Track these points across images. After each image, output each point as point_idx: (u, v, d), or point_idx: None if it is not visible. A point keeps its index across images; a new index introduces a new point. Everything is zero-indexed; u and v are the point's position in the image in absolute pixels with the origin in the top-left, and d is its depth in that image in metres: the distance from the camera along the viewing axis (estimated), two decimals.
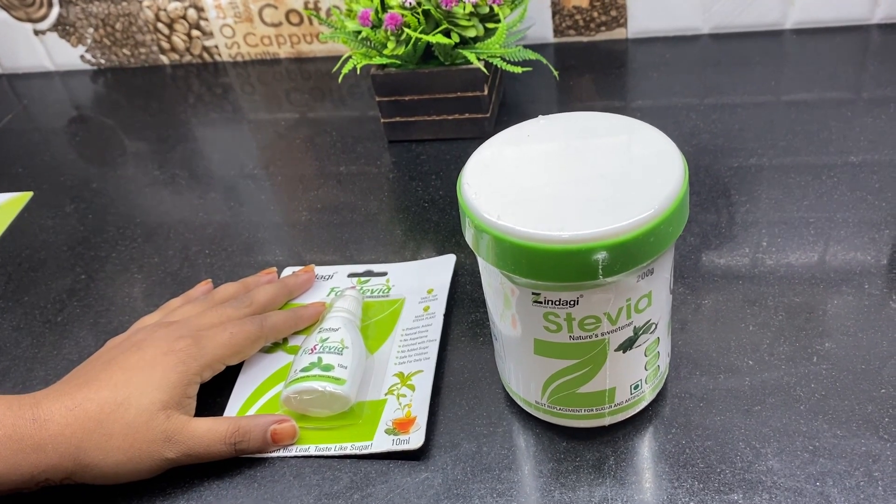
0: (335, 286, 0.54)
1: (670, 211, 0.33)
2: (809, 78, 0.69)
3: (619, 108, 0.70)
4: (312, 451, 0.43)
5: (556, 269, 0.33)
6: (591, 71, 0.76)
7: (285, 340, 0.50)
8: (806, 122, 0.64)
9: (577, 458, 0.41)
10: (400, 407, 0.44)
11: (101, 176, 0.72)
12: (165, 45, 0.89)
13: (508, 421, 0.43)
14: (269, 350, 0.50)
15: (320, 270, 0.56)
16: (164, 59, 0.91)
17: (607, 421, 0.41)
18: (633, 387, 0.40)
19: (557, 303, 0.35)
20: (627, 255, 0.32)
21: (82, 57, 0.92)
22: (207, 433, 0.41)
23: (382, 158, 0.68)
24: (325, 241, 0.60)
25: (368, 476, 0.42)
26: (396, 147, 0.69)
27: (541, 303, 0.35)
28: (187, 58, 0.90)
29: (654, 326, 0.37)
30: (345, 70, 0.63)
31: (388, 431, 0.43)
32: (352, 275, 0.55)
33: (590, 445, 0.41)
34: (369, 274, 0.55)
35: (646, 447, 0.41)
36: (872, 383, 0.42)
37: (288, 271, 0.56)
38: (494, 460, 0.42)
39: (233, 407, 0.46)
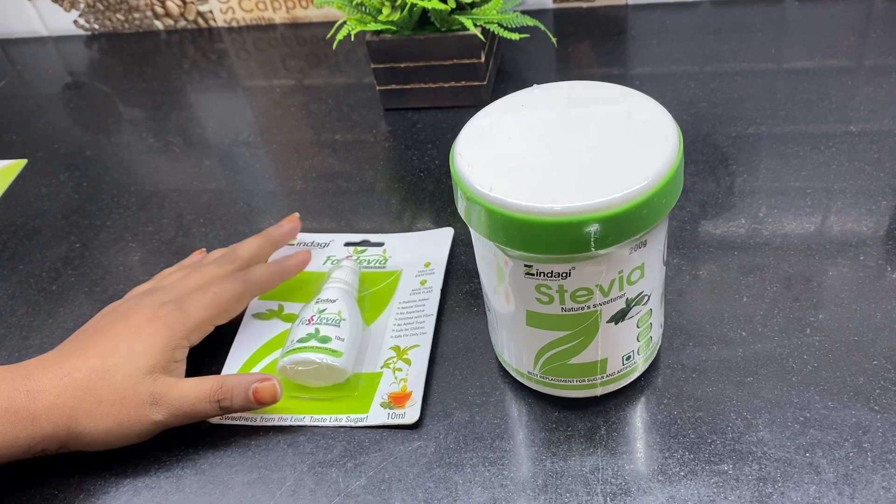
0: (331, 254, 0.54)
1: (663, 183, 0.32)
2: (810, 46, 0.68)
3: (618, 76, 0.69)
4: (307, 422, 0.43)
5: (549, 242, 0.32)
6: (590, 38, 0.75)
7: (281, 308, 0.50)
8: (806, 90, 0.63)
9: (569, 428, 0.41)
10: (396, 381, 0.45)
11: (95, 143, 0.72)
12: (160, 10, 0.88)
13: (501, 391, 0.44)
14: (264, 317, 0.50)
15: (317, 238, 0.56)
16: (159, 25, 0.89)
17: (599, 391, 0.41)
18: (625, 358, 0.40)
19: (549, 275, 0.35)
20: (620, 227, 0.32)
21: (76, 22, 0.91)
22: (192, 392, 0.42)
23: (378, 127, 0.68)
24: (321, 209, 0.59)
25: (362, 444, 0.42)
26: (392, 115, 0.69)
27: (533, 275, 0.35)
28: (182, 23, 0.89)
29: (646, 298, 0.37)
30: (339, 36, 0.62)
31: (383, 405, 0.43)
32: (348, 244, 0.55)
33: (581, 415, 0.42)
34: (366, 244, 0.55)
35: (637, 417, 0.41)
36: (865, 355, 0.42)
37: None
38: (487, 430, 0.42)
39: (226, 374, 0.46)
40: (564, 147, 0.35)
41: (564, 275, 0.34)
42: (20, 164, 0.70)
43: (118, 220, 0.62)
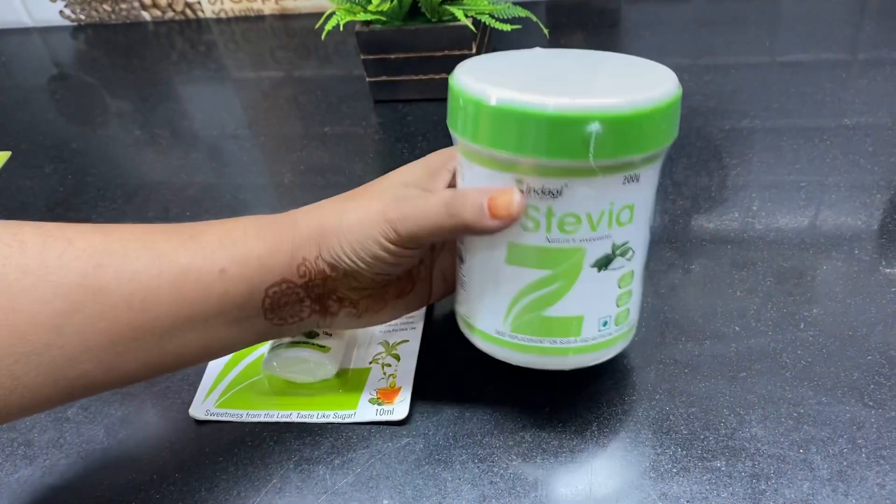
0: None
1: (666, 104, 0.32)
2: (805, 39, 0.68)
3: None
4: (294, 418, 0.43)
5: (547, 141, 0.31)
6: (582, 29, 0.75)
7: None
8: (800, 83, 0.63)
9: (560, 425, 0.41)
10: (384, 377, 0.44)
11: (81, 135, 0.71)
12: (147, 0, 0.87)
13: (491, 387, 0.43)
14: None
15: None
16: (146, 16, 0.88)
17: (570, 360, 0.38)
18: (601, 323, 0.37)
19: (540, 192, 0.33)
20: (620, 134, 0.31)
21: (61, 12, 0.89)
22: (427, 200, 0.37)
23: (368, 119, 0.67)
24: (310, 203, 0.58)
25: (349, 441, 0.41)
26: (382, 107, 0.68)
27: (522, 192, 0.34)
28: (169, 14, 0.88)
29: (630, 252, 0.36)
30: (328, 27, 0.62)
31: (371, 401, 0.43)
32: None
33: (572, 412, 0.41)
34: None
35: (629, 413, 0.41)
36: (859, 350, 0.42)
37: None
38: (476, 426, 0.41)
39: (211, 369, 0.45)
40: (569, 70, 0.35)
41: (556, 192, 0.33)
42: (4, 156, 0.69)
43: (104, 213, 0.61)
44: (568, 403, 0.41)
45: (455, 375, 0.44)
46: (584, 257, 0.35)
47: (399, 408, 0.42)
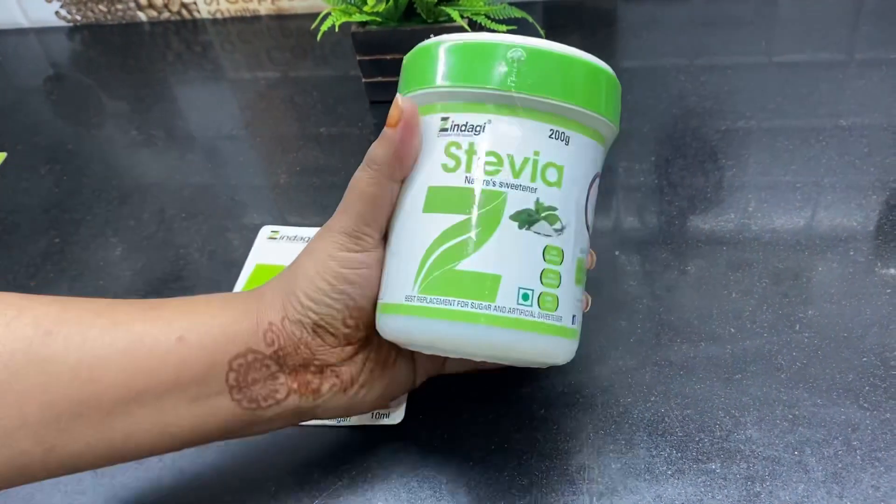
0: None
1: (594, 66, 0.34)
2: (801, 39, 0.68)
3: None
4: None
5: (473, 66, 0.33)
6: (579, 30, 0.75)
7: None
8: (796, 84, 0.62)
9: (555, 427, 0.41)
10: None
11: (76, 136, 0.71)
12: (143, 1, 0.86)
13: (486, 390, 0.43)
14: None
15: (300, 232, 0.55)
16: (142, 16, 0.88)
17: (482, 329, 0.33)
18: (521, 293, 0.33)
19: (464, 127, 0.34)
20: (543, 70, 0.33)
21: (57, 13, 0.89)
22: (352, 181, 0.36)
23: (364, 120, 0.67)
24: (306, 204, 0.58)
25: (345, 444, 0.41)
26: (379, 108, 0.68)
27: (447, 130, 0.34)
28: (165, 14, 0.87)
29: (559, 223, 0.34)
30: (323, 28, 0.61)
31: None
32: None
33: (567, 414, 0.41)
34: None
35: (624, 416, 0.41)
36: (854, 351, 0.42)
37: (265, 230, 0.55)
38: (471, 429, 0.41)
39: None
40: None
41: (479, 128, 0.34)
42: (0, 157, 0.69)
43: (99, 214, 0.61)
44: (562, 405, 0.41)
45: (450, 379, 0.44)
46: (504, 205, 0.33)
47: (395, 412, 0.42)
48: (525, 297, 0.33)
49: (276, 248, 0.54)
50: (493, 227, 0.33)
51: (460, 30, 0.62)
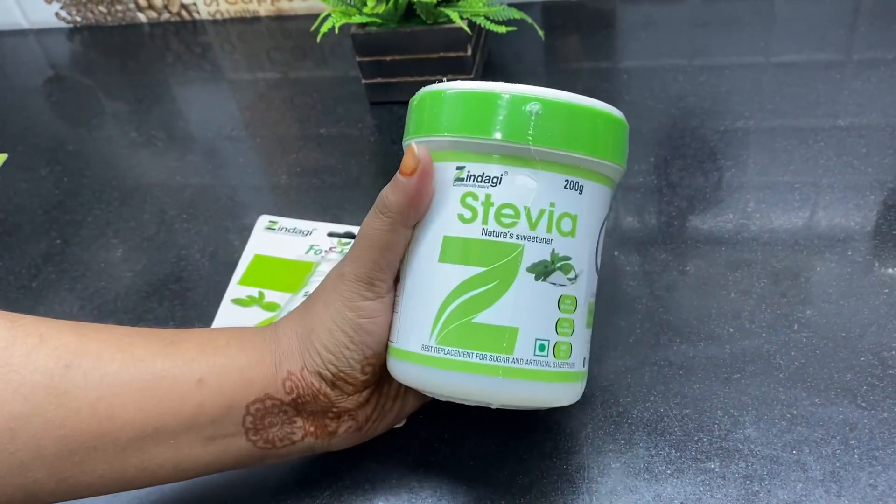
0: (314, 244, 0.53)
1: (608, 114, 0.34)
2: (799, 39, 0.68)
3: (606, 70, 0.69)
4: None
5: (490, 119, 0.33)
6: (578, 31, 0.75)
7: (262, 295, 0.49)
8: (794, 84, 0.63)
9: (555, 426, 0.41)
10: None
11: (76, 137, 0.71)
12: (143, 2, 0.87)
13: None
14: (244, 303, 0.49)
15: (299, 225, 0.55)
16: (142, 17, 0.88)
17: (499, 385, 0.34)
18: (537, 344, 0.34)
19: (480, 178, 0.34)
20: (560, 123, 0.33)
21: (57, 14, 0.89)
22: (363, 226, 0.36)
23: (364, 121, 0.67)
24: (306, 204, 0.59)
25: None
26: (378, 109, 0.68)
27: (463, 179, 0.34)
28: (165, 16, 0.88)
29: (573, 272, 0.35)
30: (323, 29, 0.62)
31: None
32: (332, 234, 0.54)
33: (567, 413, 0.41)
34: (349, 236, 0.54)
35: (623, 415, 0.41)
36: (852, 351, 0.42)
37: (263, 219, 0.55)
38: (471, 428, 0.41)
39: None
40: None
41: (496, 180, 0.34)
42: (0, 158, 0.69)
43: (99, 215, 0.61)
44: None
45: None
46: (521, 258, 0.34)
47: None
48: (542, 347, 0.34)
49: (274, 238, 0.54)
50: (511, 280, 0.34)
51: (459, 31, 0.62)
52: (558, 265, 0.34)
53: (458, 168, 0.34)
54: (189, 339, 0.35)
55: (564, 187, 0.34)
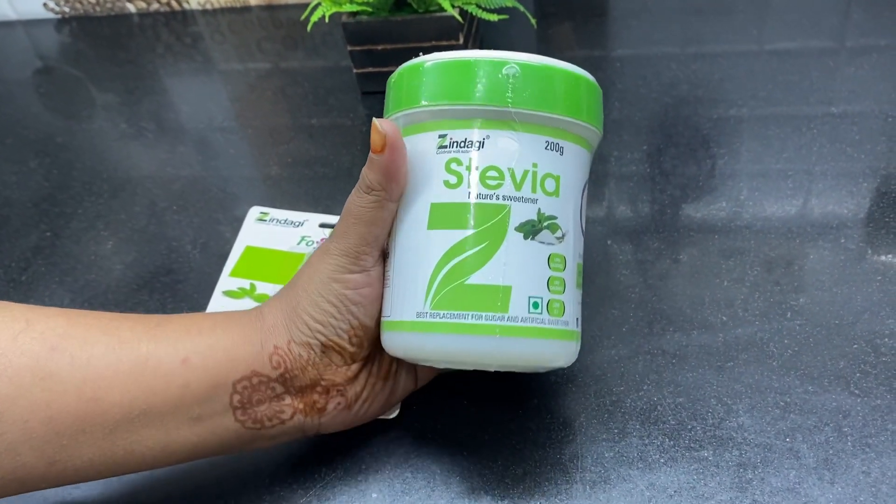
0: (306, 235, 0.53)
1: (582, 77, 0.35)
2: (792, 27, 0.68)
3: (599, 58, 0.68)
4: None
5: (471, 85, 0.33)
6: (570, 19, 0.74)
7: (253, 287, 0.49)
8: (787, 71, 0.62)
9: (548, 416, 0.41)
10: None
11: (66, 129, 0.70)
12: None
13: (479, 381, 0.43)
14: (235, 295, 0.49)
15: (290, 216, 0.55)
16: (131, 8, 0.87)
17: (497, 345, 0.34)
18: (531, 301, 0.34)
19: (463, 143, 0.34)
20: (537, 84, 0.34)
21: (45, 5, 0.88)
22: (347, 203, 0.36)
23: (356, 111, 0.66)
24: (298, 195, 0.58)
25: (339, 435, 0.41)
26: (370, 99, 0.67)
27: (446, 147, 0.34)
28: (155, 6, 0.87)
29: (559, 231, 0.35)
30: (314, 18, 0.61)
31: None
32: (323, 225, 0.54)
33: (560, 403, 0.41)
34: None
35: (617, 404, 0.41)
36: (845, 339, 0.42)
37: (254, 211, 0.55)
38: (464, 419, 0.41)
39: None
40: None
41: (479, 144, 0.34)
42: None
43: (90, 208, 0.60)
44: (555, 395, 0.42)
45: (444, 370, 0.44)
46: (509, 218, 0.34)
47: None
48: (535, 305, 0.34)
49: (265, 230, 0.54)
50: (500, 240, 0.34)
51: (451, 20, 0.61)
52: (545, 224, 0.35)
53: (441, 136, 0.35)
54: (174, 322, 0.36)
55: (546, 148, 0.35)
